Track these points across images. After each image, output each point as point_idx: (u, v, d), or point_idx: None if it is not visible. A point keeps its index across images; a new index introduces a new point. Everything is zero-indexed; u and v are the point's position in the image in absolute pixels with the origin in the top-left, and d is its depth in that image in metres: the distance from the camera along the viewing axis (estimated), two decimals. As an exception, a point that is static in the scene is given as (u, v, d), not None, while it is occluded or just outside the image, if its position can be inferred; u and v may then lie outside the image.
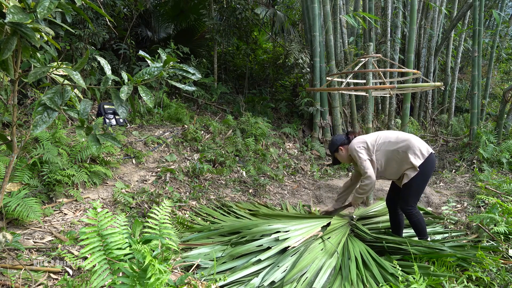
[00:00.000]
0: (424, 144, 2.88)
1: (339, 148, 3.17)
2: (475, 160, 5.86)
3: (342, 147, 3.16)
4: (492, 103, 10.16)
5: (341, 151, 3.17)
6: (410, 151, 2.83)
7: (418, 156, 2.81)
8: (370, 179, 2.91)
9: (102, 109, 5.13)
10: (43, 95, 1.67)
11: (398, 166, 2.90)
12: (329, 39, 6.55)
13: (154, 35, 7.81)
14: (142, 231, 2.24)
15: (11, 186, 2.95)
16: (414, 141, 2.86)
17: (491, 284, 2.34)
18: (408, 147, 2.84)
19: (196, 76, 1.83)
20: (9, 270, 2.23)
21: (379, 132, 3.09)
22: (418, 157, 2.81)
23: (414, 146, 2.83)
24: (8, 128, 3.96)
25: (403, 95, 7.01)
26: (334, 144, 3.19)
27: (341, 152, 3.18)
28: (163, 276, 1.62)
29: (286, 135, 6.80)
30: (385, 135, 3.00)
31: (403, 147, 2.86)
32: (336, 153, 3.22)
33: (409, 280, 2.21)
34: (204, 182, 4.44)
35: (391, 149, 2.91)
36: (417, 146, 2.83)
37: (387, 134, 3.00)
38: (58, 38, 5.09)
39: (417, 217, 2.92)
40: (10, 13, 1.46)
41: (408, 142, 2.85)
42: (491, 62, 7.31)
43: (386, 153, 2.94)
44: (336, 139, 3.21)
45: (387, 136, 2.98)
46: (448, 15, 8.96)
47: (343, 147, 3.16)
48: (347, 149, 3.12)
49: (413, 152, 2.82)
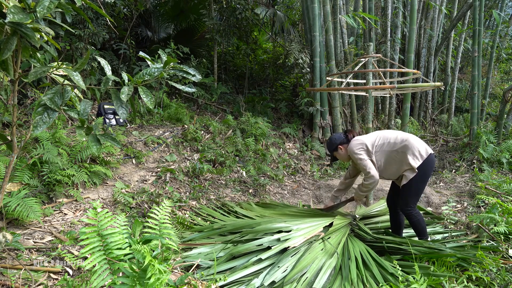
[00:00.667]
0: (423, 145, 2.88)
1: (338, 147, 3.17)
2: (475, 160, 5.86)
3: (342, 146, 3.16)
4: (492, 103, 10.16)
5: (340, 150, 3.17)
6: (409, 152, 2.82)
7: (417, 157, 2.81)
8: (373, 178, 2.92)
9: (102, 109, 5.13)
10: (43, 95, 1.67)
11: (397, 166, 2.90)
12: (329, 39, 6.55)
13: (154, 35, 7.81)
14: (142, 231, 2.24)
15: (11, 186, 2.95)
16: (413, 142, 2.85)
17: (491, 284, 2.34)
18: (407, 148, 2.83)
19: (197, 78, 1.83)
20: (9, 270, 2.23)
21: (379, 132, 3.08)
22: (417, 158, 2.81)
23: (413, 147, 2.83)
24: (8, 128, 3.96)
25: (403, 95, 7.01)
26: (333, 143, 3.19)
27: (340, 151, 3.18)
28: (163, 276, 1.62)
29: (286, 135, 6.80)
30: (385, 136, 2.99)
31: (402, 148, 2.85)
32: (335, 152, 3.22)
33: (409, 280, 2.21)
34: (204, 182, 4.44)
35: (390, 150, 2.91)
36: (416, 147, 2.83)
37: (387, 135, 2.99)
38: (58, 38, 5.09)
39: (417, 217, 2.92)
40: (10, 13, 1.46)
41: (407, 143, 2.85)
42: (491, 62, 7.31)
43: (385, 154, 2.94)
44: (335, 138, 3.20)
45: (386, 136, 2.98)
46: (448, 15, 8.96)
47: (342, 146, 3.16)
48: (346, 148, 3.12)
49: (412, 153, 2.81)
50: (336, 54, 6.84)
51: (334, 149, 3.21)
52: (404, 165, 2.85)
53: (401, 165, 2.87)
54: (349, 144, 3.09)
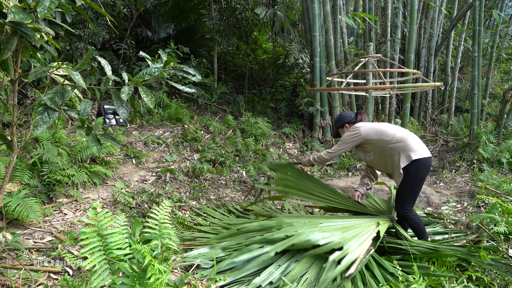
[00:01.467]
0: (419, 146, 2.82)
1: (345, 125, 3.20)
2: (475, 160, 5.86)
3: (348, 125, 3.19)
4: (492, 103, 10.15)
5: (346, 128, 3.20)
6: (402, 152, 2.80)
7: (410, 158, 2.76)
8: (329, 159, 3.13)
9: (102, 109, 5.13)
10: (43, 95, 1.67)
11: (390, 162, 2.91)
12: (329, 39, 6.55)
13: (154, 35, 7.81)
14: (142, 231, 2.24)
15: (11, 186, 2.95)
16: (410, 143, 2.81)
17: (491, 284, 2.34)
18: (402, 149, 2.80)
19: (197, 78, 1.83)
20: (9, 270, 2.23)
21: (382, 125, 3.04)
22: (411, 159, 2.76)
23: (409, 148, 2.79)
24: (8, 128, 3.96)
25: (403, 95, 7.01)
26: (342, 119, 3.22)
27: (345, 129, 3.19)
28: (163, 276, 1.62)
29: (286, 135, 6.80)
30: (385, 130, 2.95)
31: (396, 147, 2.83)
32: (340, 129, 3.25)
33: (409, 280, 2.21)
34: (204, 182, 4.44)
35: (385, 146, 2.89)
36: (410, 149, 2.79)
37: (387, 129, 2.95)
38: (58, 38, 5.09)
39: (414, 219, 2.90)
40: (11, 12, 1.46)
41: (403, 144, 2.81)
42: (491, 62, 7.31)
43: (377, 147, 2.95)
44: (344, 116, 3.23)
45: (385, 131, 2.93)
46: (448, 15, 8.96)
47: (348, 125, 3.18)
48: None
49: (403, 154, 2.79)
50: (336, 54, 6.84)
51: (340, 126, 3.24)
52: (394, 164, 2.85)
53: (394, 163, 2.86)
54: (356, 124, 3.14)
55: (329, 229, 2.66)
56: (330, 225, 2.73)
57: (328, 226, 2.72)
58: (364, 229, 2.71)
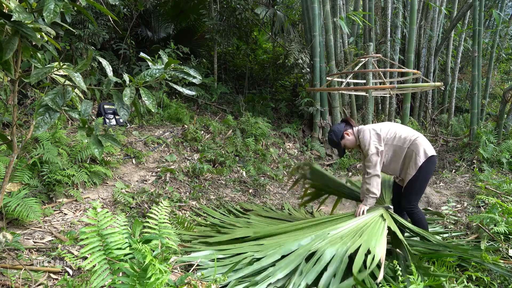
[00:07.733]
0: (429, 144, 2.89)
1: (344, 134, 3.03)
2: (475, 160, 5.86)
3: (347, 132, 3.04)
4: (492, 103, 10.15)
5: (347, 136, 3.03)
6: (417, 150, 2.82)
7: (424, 155, 2.81)
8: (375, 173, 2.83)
9: (102, 109, 5.13)
10: (44, 96, 1.67)
11: (403, 162, 2.89)
12: (329, 39, 6.55)
13: (154, 35, 7.81)
14: (142, 231, 2.24)
15: (11, 186, 2.95)
16: (422, 141, 2.86)
17: (491, 284, 2.34)
18: (416, 146, 2.83)
19: (197, 79, 1.83)
20: (9, 270, 2.23)
21: (390, 124, 3.02)
22: (424, 156, 2.81)
23: (423, 145, 2.83)
24: (8, 128, 3.96)
25: (403, 95, 7.01)
26: (339, 131, 3.03)
27: (348, 137, 3.03)
28: (163, 276, 1.62)
29: (286, 135, 6.80)
30: (396, 129, 2.95)
31: (412, 145, 2.85)
32: (342, 140, 3.05)
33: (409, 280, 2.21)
34: (204, 182, 4.44)
35: (399, 145, 2.89)
36: (424, 146, 2.83)
37: (398, 129, 2.95)
38: (58, 38, 5.08)
39: (419, 215, 2.93)
40: (15, 11, 1.47)
41: (417, 142, 2.84)
42: (491, 62, 7.31)
43: (393, 148, 2.91)
44: (337, 128, 3.06)
45: (398, 130, 2.94)
46: (448, 15, 8.96)
47: (348, 131, 3.04)
48: (353, 133, 3.04)
49: (420, 151, 2.81)
50: (336, 54, 6.84)
51: (341, 137, 3.03)
52: (411, 162, 2.84)
53: (407, 162, 2.86)
54: (352, 128, 3.04)
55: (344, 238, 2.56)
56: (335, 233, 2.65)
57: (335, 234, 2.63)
58: (373, 226, 2.63)
